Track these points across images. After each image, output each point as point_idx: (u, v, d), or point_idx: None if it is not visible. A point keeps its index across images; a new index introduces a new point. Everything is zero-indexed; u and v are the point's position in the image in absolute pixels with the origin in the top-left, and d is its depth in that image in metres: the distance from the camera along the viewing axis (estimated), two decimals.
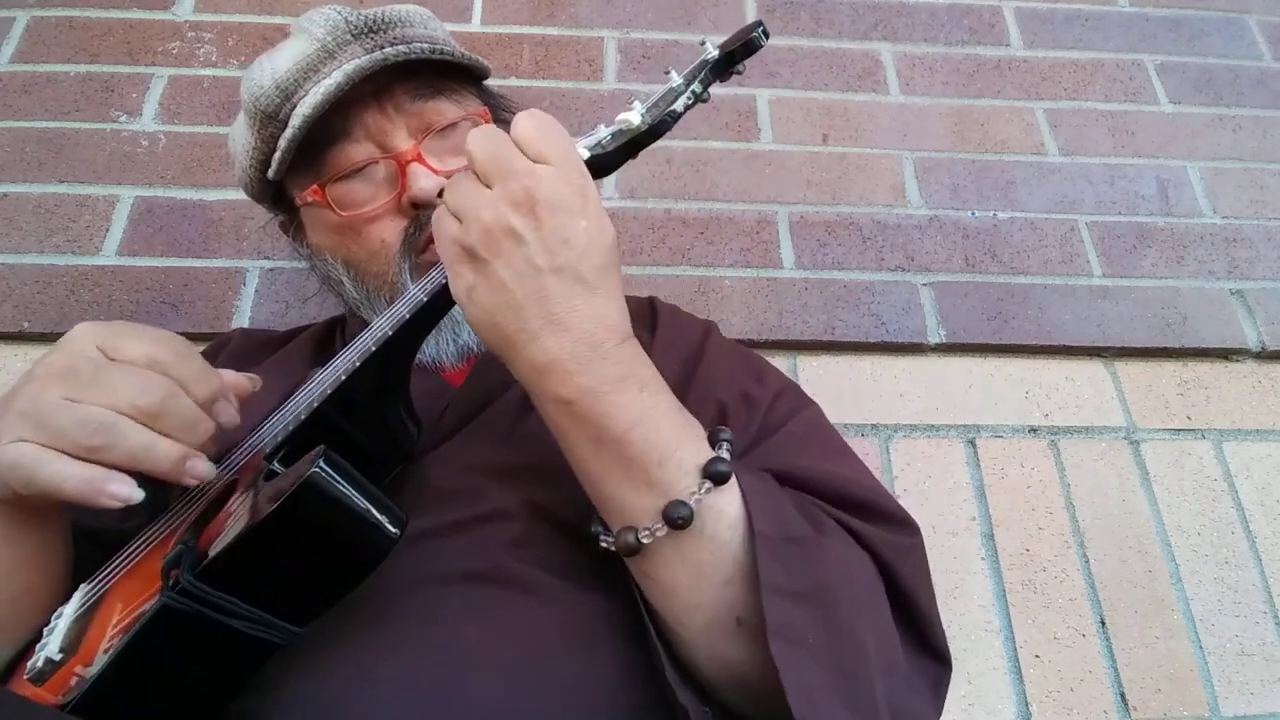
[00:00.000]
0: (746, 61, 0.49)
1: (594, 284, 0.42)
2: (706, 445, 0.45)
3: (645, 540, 0.42)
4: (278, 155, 0.59)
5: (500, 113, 0.70)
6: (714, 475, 0.42)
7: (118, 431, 0.40)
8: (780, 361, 0.93)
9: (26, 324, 0.89)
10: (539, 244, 0.41)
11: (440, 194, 0.57)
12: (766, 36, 0.49)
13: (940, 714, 0.48)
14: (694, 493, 0.42)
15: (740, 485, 0.44)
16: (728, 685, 0.45)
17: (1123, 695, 0.80)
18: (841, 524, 0.48)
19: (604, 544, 0.45)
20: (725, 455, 0.44)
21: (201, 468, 0.43)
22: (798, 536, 0.44)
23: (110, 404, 0.40)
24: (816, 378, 0.94)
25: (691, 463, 0.43)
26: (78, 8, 1.07)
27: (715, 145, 1.05)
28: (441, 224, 0.44)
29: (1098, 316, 0.97)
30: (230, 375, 0.50)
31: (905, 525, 0.52)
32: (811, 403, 0.64)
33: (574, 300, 0.42)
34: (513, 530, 0.49)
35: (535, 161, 0.42)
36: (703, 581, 0.43)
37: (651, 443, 0.42)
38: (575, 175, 0.43)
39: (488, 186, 0.42)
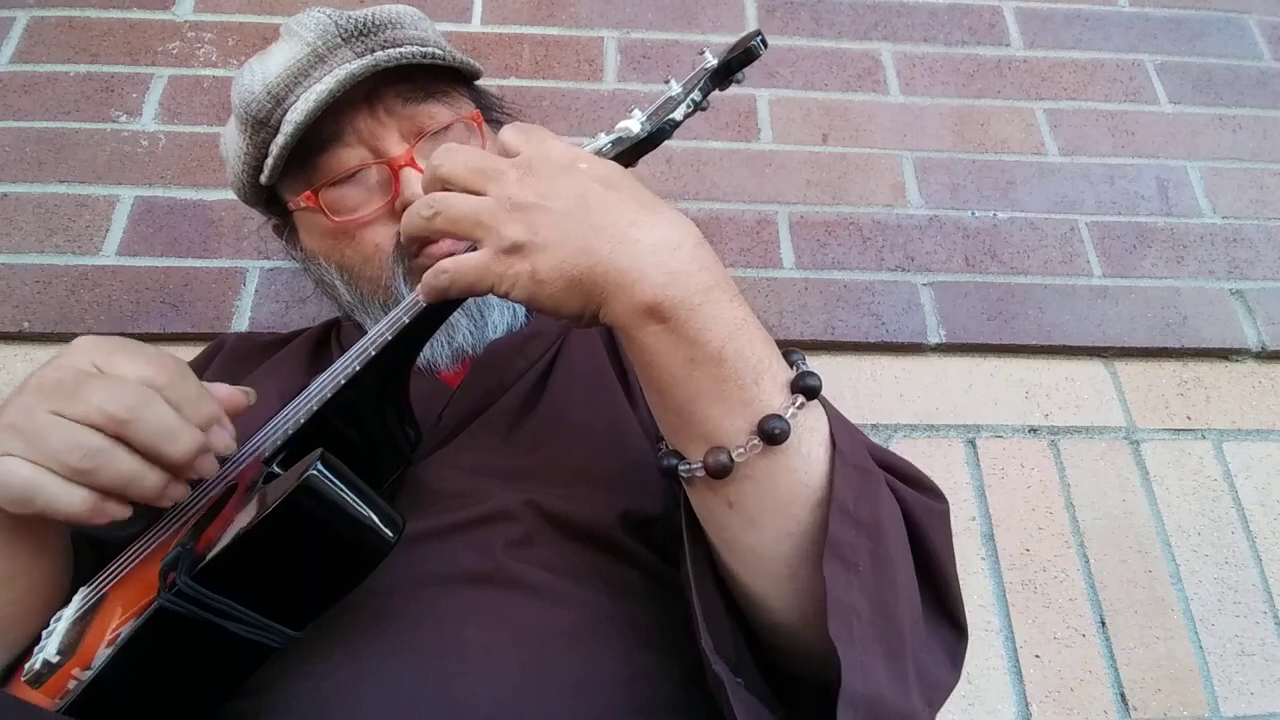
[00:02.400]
0: (746, 69, 0.50)
1: (636, 197, 0.41)
2: (785, 361, 0.43)
3: (739, 458, 0.40)
4: (270, 161, 0.59)
5: (492, 113, 0.70)
6: (806, 390, 0.40)
7: (105, 457, 0.40)
8: None
9: (26, 324, 0.89)
10: (565, 195, 0.40)
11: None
12: (765, 45, 0.49)
13: (958, 680, 0.47)
14: (788, 407, 0.40)
15: (824, 403, 0.43)
16: (805, 620, 0.43)
17: (1123, 695, 0.80)
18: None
19: (684, 472, 0.42)
20: (812, 370, 0.42)
21: (176, 493, 0.43)
22: (865, 467, 0.44)
23: (82, 414, 0.40)
24: None
25: (783, 378, 0.41)
26: (78, 8, 1.07)
27: (715, 145, 1.05)
28: (458, 263, 0.42)
29: (1098, 316, 0.97)
30: (224, 390, 0.49)
31: (934, 492, 0.52)
32: None
33: (627, 214, 0.40)
34: (513, 531, 0.49)
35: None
36: (794, 504, 0.41)
37: (746, 358, 0.40)
38: (557, 143, 0.43)
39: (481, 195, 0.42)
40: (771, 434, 0.39)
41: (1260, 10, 1.23)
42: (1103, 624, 0.83)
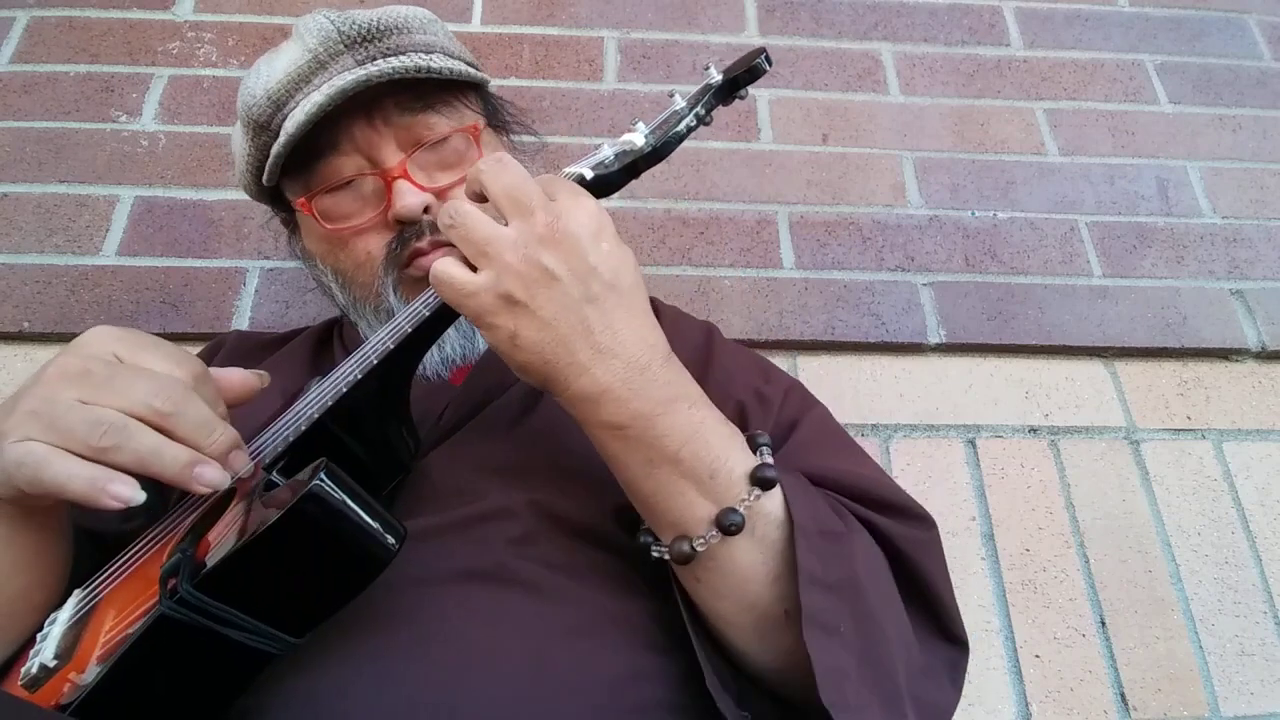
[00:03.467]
0: (749, 86, 0.51)
1: (629, 306, 0.44)
2: (749, 451, 0.47)
3: (700, 548, 0.44)
4: (268, 165, 0.59)
5: (497, 121, 0.70)
6: (761, 481, 0.44)
7: (126, 433, 0.40)
8: (780, 361, 0.93)
9: (26, 324, 0.89)
10: (572, 278, 0.42)
11: (427, 210, 0.58)
12: (770, 64, 0.50)
13: (959, 696, 0.50)
14: (744, 499, 0.44)
15: (781, 484, 0.45)
16: (784, 675, 0.46)
17: (1123, 695, 0.80)
18: (863, 520, 0.50)
19: (656, 553, 0.47)
20: (769, 460, 0.46)
21: (210, 474, 0.42)
22: (831, 531, 0.46)
23: (123, 405, 0.40)
24: (816, 378, 0.94)
25: (740, 471, 0.45)
26: (78, 8, 1.07)
27: (715, 145, 1.05)
28: (454, 278, 0.42)
29: (1098, 316, 0.97)
30: (238, 374, 0.50)
31: (922, 520, 0.54)
32: (817, 401, 0.65)
33: (615, 325, 0.43)
34: (514, 528, 0.49)
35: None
36: (753, 582, 0.44)
37: (702, 457, 0.44)
38: (588, 202, 0.44)
39: (503, 222, 0.42)
40: (727, 527, 0.43)
41: (1260, 10, 1.23)
42: (1103, 624, 0.83)
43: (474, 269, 0.43)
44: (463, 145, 0.62)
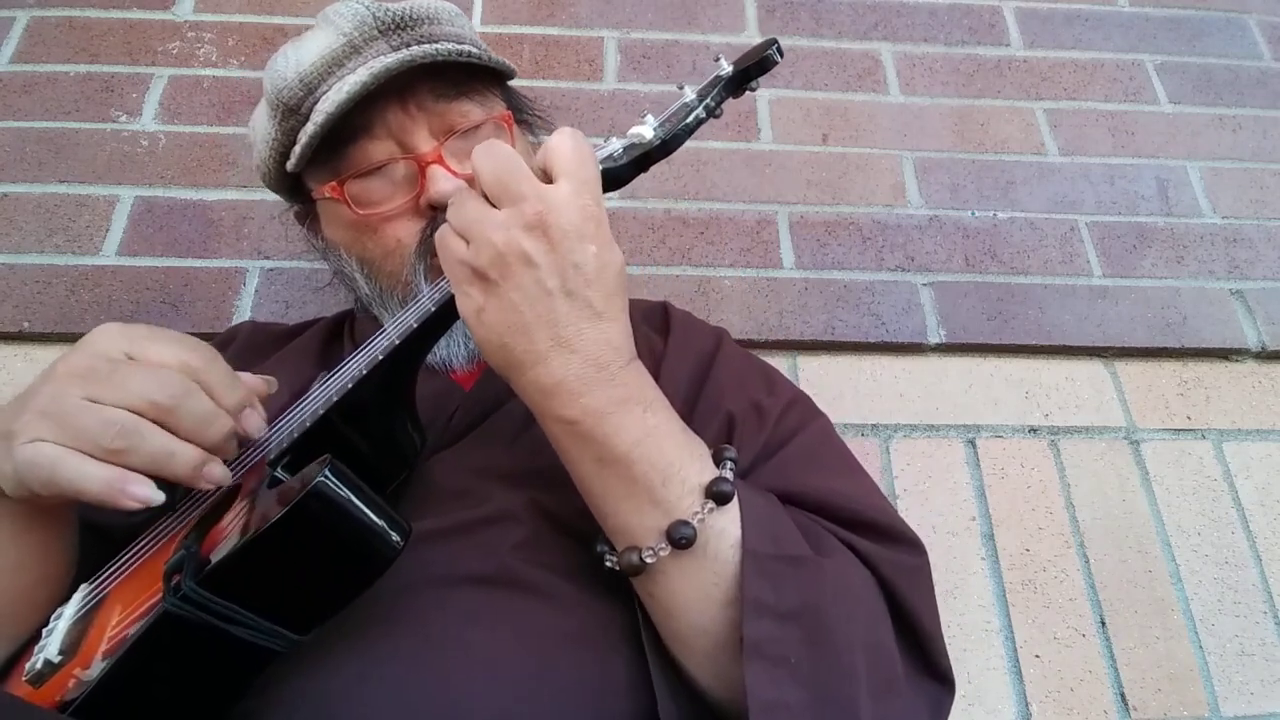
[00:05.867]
0: (760, 78, 0.50)
1: (602, 309, 0.43)
2: (711, 464, 0.45)
3: (649, 560, 0.43)
4: (297, 149, 0.59)
5: (523, 115, 0.70)
6: (717, 495, 0.43)
7: (139, 435, 0.40)
8: (780, 361, 0.93)
9: (26, 324, 0.89)
10: (550, 267, 0.42)
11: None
12: (781, 55, 0.50)
13: None
14: (697, 512, 0.43)
15: (739, 500, 0.44)
16: (736, 705, 0.44)
17: (1123, 695, 0.80)
18: (847, 544, 0.48)
19: (609, 563, 0.45)
20: (729, 475, 0.45)
21: (217, 472, 0.43)
22: (793, 555, 0.44)
23: (124, 401, 0.40)
24: (816, 378, 0.94)
25: (695, 481, 0.44)
26: (78, 8, 1.07)
27: (715, 145, 1.05)
28: (447, 244, 0.44)
29: (1098, 316, 0.98)
30: (247, 379, 0.49)
31: (912, 545, 0.52)
32: (820, 414, 0.64)
33: (582, 324, 0.42)
34: (519, 533, 0.49)
35: (550, 182, 0.43)
36: (706, 602, 0.43)
37: (654, 462, 0.43)
38: (588, 199, 0.43)
39: (495, 207, 0.43)
40: (677, 540, 0.42)
41: (1260, 10, 1.23)
42: (1103, 624, 0.83)
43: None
44: (494, 134, 0.62)
